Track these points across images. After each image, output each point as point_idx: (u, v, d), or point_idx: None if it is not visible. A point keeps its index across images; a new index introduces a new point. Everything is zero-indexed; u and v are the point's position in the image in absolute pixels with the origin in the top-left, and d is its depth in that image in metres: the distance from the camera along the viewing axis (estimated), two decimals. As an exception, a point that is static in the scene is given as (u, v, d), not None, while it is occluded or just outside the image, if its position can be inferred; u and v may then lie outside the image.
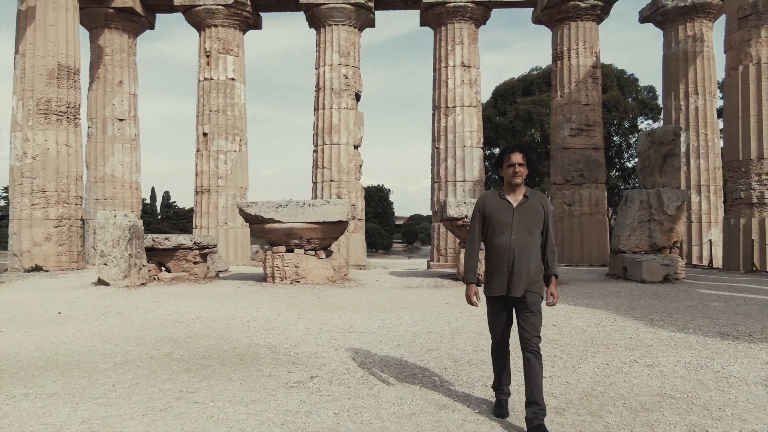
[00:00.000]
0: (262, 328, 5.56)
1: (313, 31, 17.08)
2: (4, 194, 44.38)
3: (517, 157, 3.21)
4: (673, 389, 3.44)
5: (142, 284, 9.84)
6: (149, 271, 10.37)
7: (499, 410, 3.14)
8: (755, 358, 4.12)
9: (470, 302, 3.24)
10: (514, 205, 3.19)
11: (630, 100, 35.14)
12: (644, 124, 35.73)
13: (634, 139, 33.91)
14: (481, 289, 3.27)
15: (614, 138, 36.88)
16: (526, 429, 2.86)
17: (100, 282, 9.78)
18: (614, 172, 36.54)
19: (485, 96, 39.63)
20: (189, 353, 4.53)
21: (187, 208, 60.44)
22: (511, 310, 3.21)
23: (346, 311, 6.62)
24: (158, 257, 10.74)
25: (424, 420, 2.99)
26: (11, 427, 2.90)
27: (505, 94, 38.31)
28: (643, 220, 10.92)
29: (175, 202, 60.85)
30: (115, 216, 9.60)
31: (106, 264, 9.53)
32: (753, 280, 10.73)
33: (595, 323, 5.58)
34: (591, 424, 2.94)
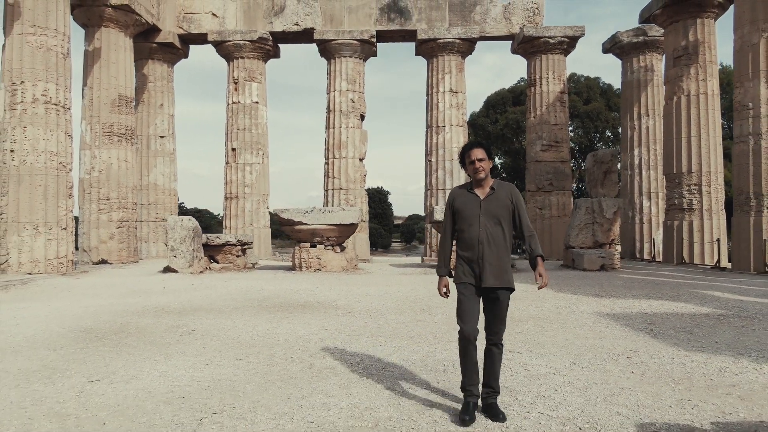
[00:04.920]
0: (308, 294, 8.61)
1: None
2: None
3: (477, 153, 3.30)
4: (540, 314, 6.50)
5: (201, 272, 12.87)
6: (204, 262, 13.41)
7: (464, 414, 3.10)
8: (597, 305, 7.18)
9: (441, 294, 3.40)
10: (482, 197, 3.30)
11: (618, 114, 38.21)
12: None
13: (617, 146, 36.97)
14: (452, 281, 3.41)
15: (598, 145, 40.05)
16: (480, 405, 3.24)
17: (168, 270, 12.80)
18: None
19: (478, 105, 42.67)
20: (272, 305, 7.57)
21: (190, 208, 63.48)
22: (481, 300, 3.30)
23: (361, 286, 9.68)
24: (209, 251, 13.76)
25: (410, 324, 6.02)
26: (208, 327, 5.93)
27: (496, 103, 41.37)
28: (588, 222, 13.97)
29: (183, 203, 63.71)
30: (182, 220, 12.65)
31: (175, 256, 12.56)
32: (675, 269, 13.82)
33: (522, 291, 8.62)
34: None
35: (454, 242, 3.46)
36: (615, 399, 3.41)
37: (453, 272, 3.45)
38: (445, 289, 3.41)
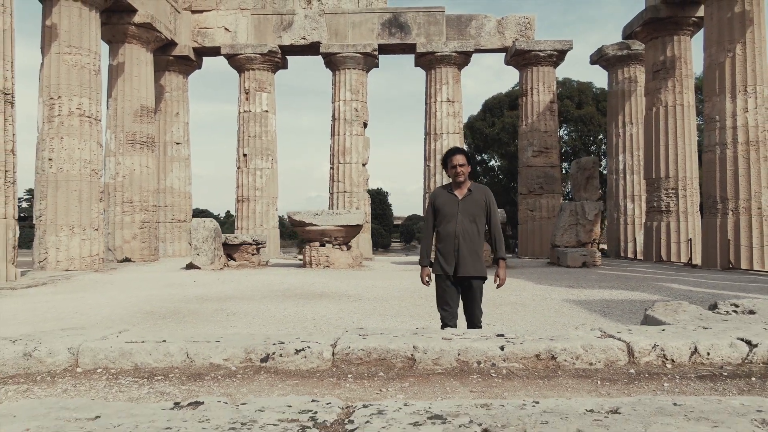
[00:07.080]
0: (322, 286, 9.97)
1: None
2: (28, 197, 48.97)
3: (458, 159, 3.70)
4: (518, 300, 7.87)
5: (221, 269, 14.23)
6: (223, 259, 14.77)
7: None
8: (567, 294, 8.55)
9: (423, 282, 3.92)
10: (460, 197, 3.68)
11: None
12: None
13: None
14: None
15: (591, 148, 41.46)
16: None
17: (191, 266, 14.15)
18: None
19: (476, 108, 44.00)
20: (293, 294, 8.94)
21: (193, 209, 64.85)
22: (459, 289, 3.75)
23: (368, 280, 11.05)
24: (227, 250, 15.11)
25: (410, 308, 7.39)
26: (247, 310, 7.29)
27: (493, 107, 42.73)
28: (572, 223, 15.35)
29: (187, 204, 65.02)
30: (204, 222, 14.02)
31: (198, 254, 13.93)
32: (651, 266, 15.18)
33: (506, 283, 9.98)
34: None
35: (435, 236, 3.96)
36: (556, 351, 4.77)
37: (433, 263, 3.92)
38: (427, 278, 3.95)
